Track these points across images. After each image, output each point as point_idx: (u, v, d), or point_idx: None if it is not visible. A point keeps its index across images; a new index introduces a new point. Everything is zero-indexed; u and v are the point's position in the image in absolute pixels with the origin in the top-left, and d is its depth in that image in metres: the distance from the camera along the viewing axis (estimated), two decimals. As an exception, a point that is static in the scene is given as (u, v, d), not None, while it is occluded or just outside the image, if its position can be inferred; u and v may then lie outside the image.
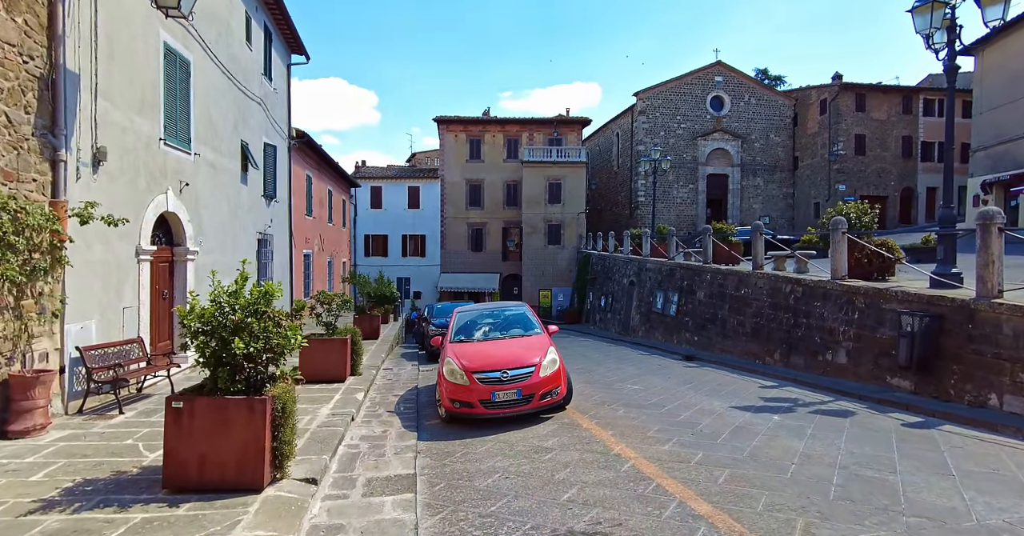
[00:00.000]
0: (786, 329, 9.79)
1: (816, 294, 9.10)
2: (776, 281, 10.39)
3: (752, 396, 7.25)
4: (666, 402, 6.95)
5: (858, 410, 6.27)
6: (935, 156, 33.08)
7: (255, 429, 3.92)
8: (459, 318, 7.78)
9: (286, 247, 15.97)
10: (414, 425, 6.43)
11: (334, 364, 8.38)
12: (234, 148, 11.40)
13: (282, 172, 15.39)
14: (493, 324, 7.55)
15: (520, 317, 7.69)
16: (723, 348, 12.06)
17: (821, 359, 8.71)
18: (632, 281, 19.20)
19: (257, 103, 13.03)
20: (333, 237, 23.78)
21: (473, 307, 8.40)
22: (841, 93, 32.29)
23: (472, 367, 6.20)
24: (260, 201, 13.27)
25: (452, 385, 6.18)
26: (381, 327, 16.00)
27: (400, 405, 7.52)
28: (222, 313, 4.07)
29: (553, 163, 31.78)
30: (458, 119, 34.71)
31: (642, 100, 34.55)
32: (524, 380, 6.06)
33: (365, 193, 35.30)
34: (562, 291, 31.71)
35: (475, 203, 34.79)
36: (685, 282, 14.56)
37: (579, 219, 31.91)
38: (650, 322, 16.77)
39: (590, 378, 9.17)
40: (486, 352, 6.56)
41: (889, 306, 7.38)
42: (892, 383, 7.17)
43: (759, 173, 35.84)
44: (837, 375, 8.25)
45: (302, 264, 18.30)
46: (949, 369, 6.33)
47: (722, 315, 12.29)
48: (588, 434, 5.55)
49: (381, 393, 8.43)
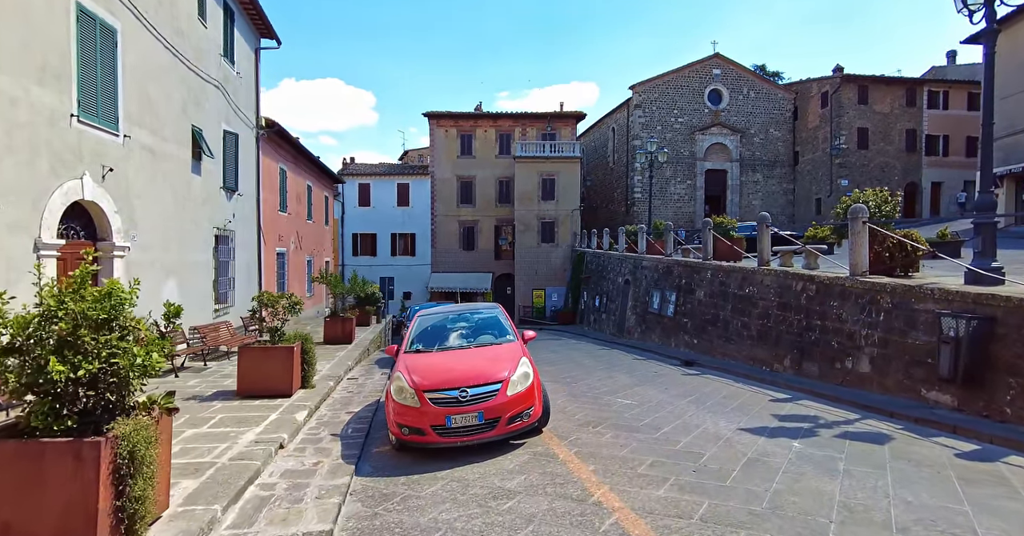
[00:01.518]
0: (797, 332, 8.69)
1: (832, 293, 8.00)
2: (785, 278, 9.29)
3: (763, 413, 6.15)
4: (663, 422, 5.84)
5: (894, 433, 5.17)
6: (940, 150, 32.08)
7: (83, 484, 2.80)
8: (419, 323, 6.64)
9: (253, 245, 14.82)
10: (356, 454, 5.30)
11: (277, 376, 7.24)
12: (183, 133, 10.26)
13: (247, 163, 14.24)
14: (459, 330, 6.41)
15: (491, 321, 6.56)
16: (725, 352, 10.95)
17: (839, 367, 7.61)
18: (627, 280, 18.10)
19: (215, 86, 11.89)
20: (313, 235, 22.63)
21: (438, 309, 7.26)
22: (843, 85, 31.23)
23: (424, 384, 5.07)
24: (218, 194, 12.12)
25: (400, 406, 5.06)
26: (356, 331, 14.85)
27: (350, 426, 6.39)
28: (47, 321, 2.93)
29: (546, 158, 30.64)
30: (449, 114, 33.57)
31: (638, 94, 33.46)
32: (488, 400, 4.94)
33: (353, 191, 34.18)
34: (556, 291, 30.60)
35: (466, 200, 33.66)
36: (683, 280, 13.46)
37: (573, 216, 30.80)
38: (646, 323, 15.67)
39: (576, 390, 8.05)
40: (444, 365, 5.44)
41: (924, 306, 6.28)
42: (928, 397, 6.07)
43: (758, 168, 34.78)
44: (859, 386, 7.16)
45: (274, 263, 17.15)
46: (1003, 383, 5.24)
47: (724, 316, 11.19)
48: (564, 470, 4.43)
49: (333, 410, 7.29)
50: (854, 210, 7.63)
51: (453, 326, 6.50)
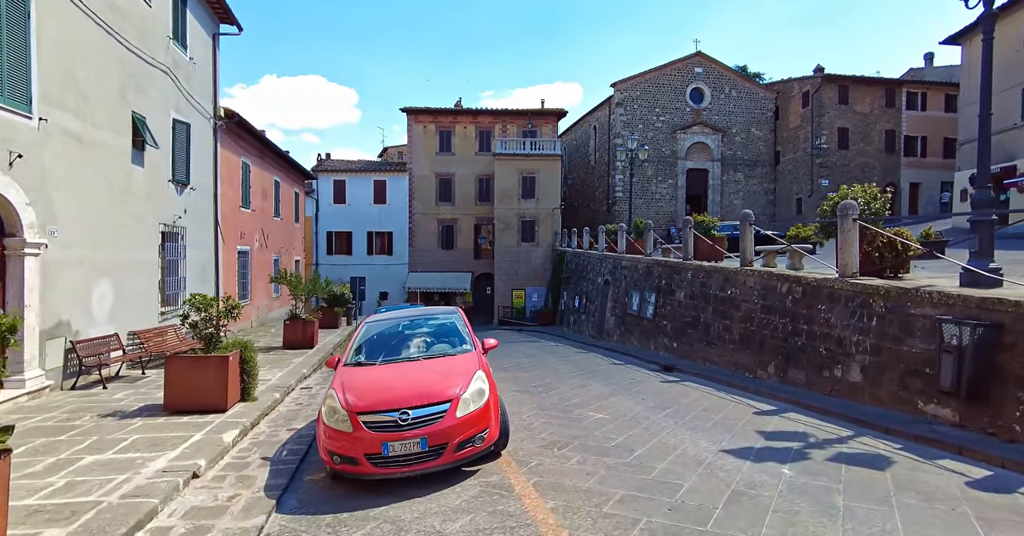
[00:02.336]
0: (782, 337, 8.16)
1: (820, 295, 7.47)
2: (769, 279, 8.76)
3: (748, 430, 5.55)
4: (637, 442, 5.20)
5: (893, 454, 4.60)
6: (918, 151, 32.21)
7: None
8: (366, 331, 5.90)
9: (209, 242, 13.89)
10: (284, 484, 4.56)
11: (210, 389, 6.45)
12: (120, 120, 9.35)
13: (202, 156, 13.31)
14: (409, 339, 5.68)
15: (448, 328, 5.85)
16: (706, 357, 10.41)
17: (828, 375, 7.08)
18: (607, 280, 17.54)
19: (162, 71, 10.98)
20: (281, 233, 21.65)
21: (390, 315, 6.52)
22: (824, 85, 31.16)
23: (359, 405, 4.35)
24: (166, 187, 11.21)
25: (330, 431, 4.33)
26: (320, 334, 14.04)
27: (287, 447, 5.64)
28: None
29: (527, 156, 29.98)
30: (427, 110, 32.70)
31: (619, 91, 32.99)
32: (433, 423, 4.24)
33: (328, 188, 33.14)
34: (536, 291, 29.99)
35: (445, 198, 32.86)
36: (663, 281, 12.91)
37: (554, 215, 30.20)
38: (625, 325, 15.11)
39: (547, 401, 7.39)
40: (385, 382, 4.71)
41: (921, 311, 5.75)
42: (926, 411, 5.54)
43: (740, 168, 34.59)
44: (849, 396, 6.62)
45: (235, 263, 16.21)
46: (1011, 397, 4.71)
47: (705, 319, 10.65)
48: (518, 508, 3.76)
49: (274, 426, 6.53)
50: (844, 206, 7.10)
51: (404, 334, 5.77)
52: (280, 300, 21.56)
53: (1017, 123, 21.24)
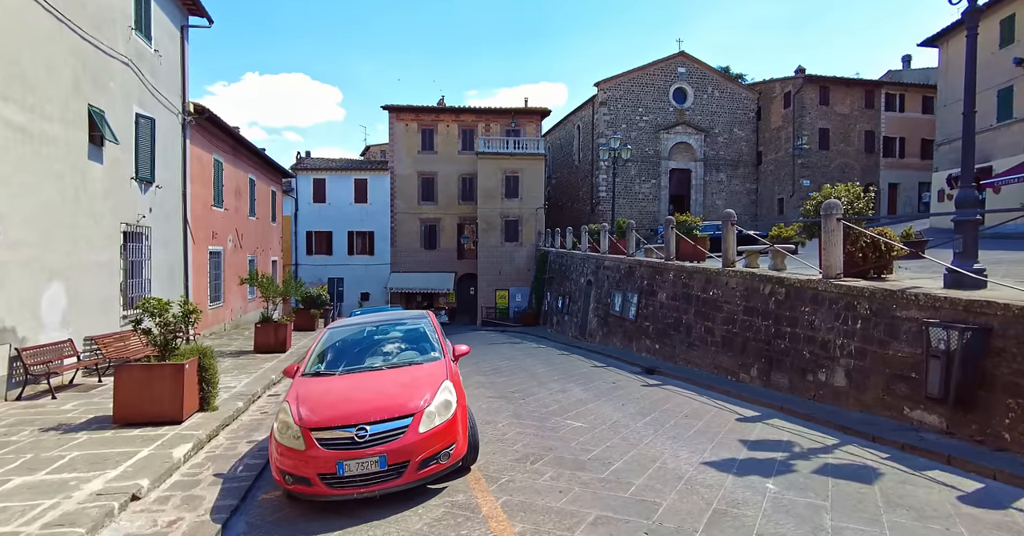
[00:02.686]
0: (765, 340, 7.98)
1: (803, 297, 7.29)
2: (752, 280, 8.58)
3: (730, 438, 5.32)
4: (614, 454, 4.93)
5: (881, 465, 4.39)
6: (896, 152, 32.60)
7: None
8: (327, 338, 5.55)
9: (178, 243, 13.36)
10: (234, 505, 4.21)
11: (163, 400, 6.04)
12: (74, 114, 8.84)
13: (169, 152, 12.77)
14: (374, 346, 5.34)
15: (416, 334, 5.53)
16: (688, 359, 10.22)
17: (811, 379, 6.90)
18: (589, 280, 17.33)
19: (123, 63, 10.45)
20: (257, 233, 21.07)
21: (355, 320, 6.17)
22: (805, 86, 31.37)
23: (312, 420, 4.01)
24: (128, 185, 10.68)
25: (282, 449, 3.99)
26: (294, 337, 13.59)
27: (244, 461, 5.28)
28: None
29: (510, 155, 29.68)
30: (409, 108, 32.24)
31: (603, 91, 32.86)
32: (393, 440, 3.92)
33: (307, 186, 32.50)
34: (520, 291, 29.71)
35: (428, 197, 32.43)
36: (645, 282, 12.72)
37: (538, 215, 29.95)
38: (608, 326, 14.91)
39: (523, 408, 7.10)
40: (343, 394, 4.38)
41: (907, 314, 5.58)
42: (912, 417, 5.37)
43: (722, 168, 34.71)
44: (834, 401, 6.44)
45: (206, 263, 15.65)
46: (1001, 404, 4.53)
47: (687, 320, 10.46)
48: (484, 531, 3.46)
49: (234, 438, 6.14)
50: (827, 206, 6.93)
51: (368, 341, 5.42)
52: (257, 302, 20.95)
53: (993, 124, 21.51)
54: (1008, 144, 21.02)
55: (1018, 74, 20.57)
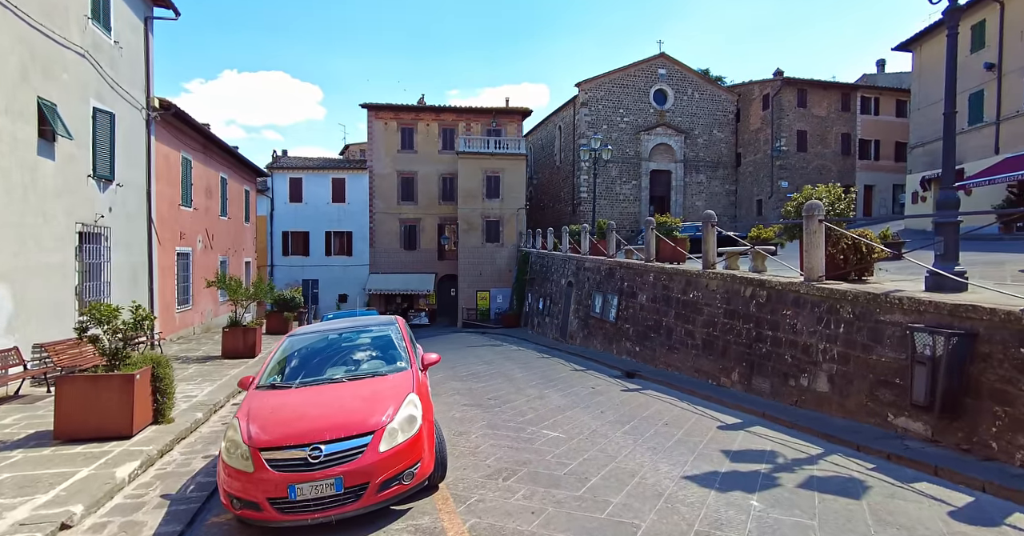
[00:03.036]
0: (746, 343, 7.82)
1: (785, 300, 7.14)
2: (733, 283, 8.43)
3: (712, 449, 5.11)
4: (591, 468, 4.68)
5: (868, 478, 4.22)
6: (872, 154, 33.13)
7: None
8: (287, 346, 5.19)
9: (141, 244, 12.78)
10: (179, 531, 3.85)
11: (111, 413, 5.62)
12: (22, 106, 8.31)
13: (132, 149, 12.20)
14: (336, 355, 4.98)
15: (382, 342, 5.19)
16: (668, 362, 10.06)
17: (794, 384, 6.75)
18: (570, 282, 17.13)
19: (78, 54, 9.90)
20: (229, 233, 20.43)
21: (318, 327, 5.81)
22: (783, 88, 31.69)
23: (262, 439, 3.68)
24: (84, 183, 10.13)
25: (230, 470, 3.65)
26: (262, 342, 13.10)
27: (195, 480, 4.90)
28: None
29: (491, 155, 29.37)
30: (389, 106, 31.72)
31: (584, 91, 32.78)
32: (351, 460, 3.60)
33: (284, 186, 31.75)
34: (501, 293, 29.42)
35: (408, 197, 31.94)
36: (625, 283, 12.54)
37: (519, 215, 29.71)
38: (588, 328, 14.72)
39: (498, 417, 6.81)
40: (298, 409, 4.04)
41: (891, 318, 5.44)
42: (896, 424, 5.23)
43: (702, 170, 34.90)
44: (817, 407, 6.29)
45: (174, 265, 15.06)
46: (987, 412, 4.40)
47: (667, 323, 10.30)
48: (447, 561, 3.17)
49: (189, 453, 5.74)
50: (809, 207, 6.79)
51: (329, 350, 5.07)
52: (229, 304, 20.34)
53: (964, 128, 21.88)
54: (979, 147, 21.41)
55: (988, 78, 20.96)
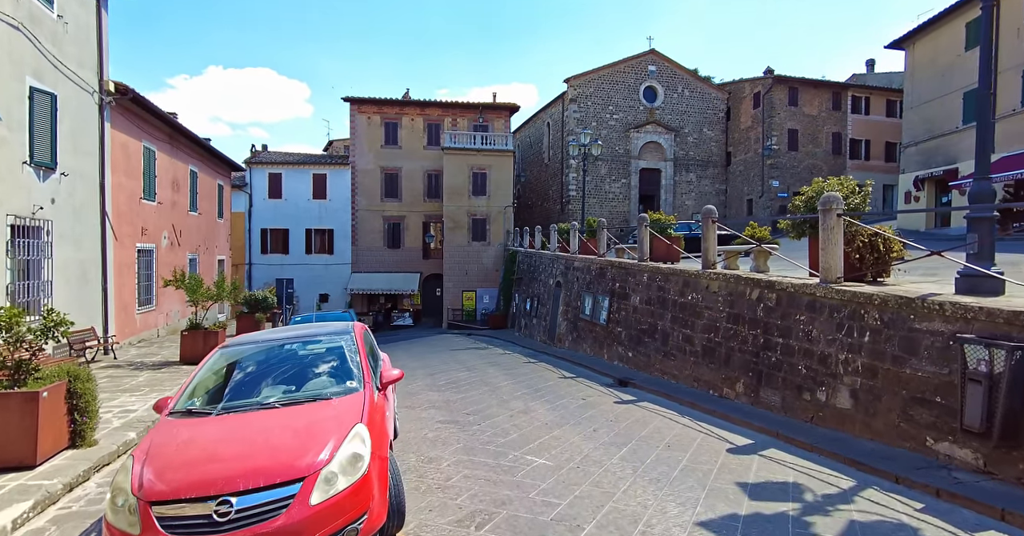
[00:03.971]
0: (753, 351, 7.08)
1: (798, 304, 6.40)
2: (737, 284, 7.68)
3: (725, 481, 4.34)
4: (584, 511, 3.87)
5: (923, 527, 3.46)
6: (862, 153, 32.83)
7: None
8: (217, 360, 4.28)
9: (94, 239, 11.74)
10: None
11: (10, 439, 4.68)
12: (-62, 81, 7.31)
13: (81, 135, 11.16)
14: (274, 373, 4.07)
15: (332, 356, 4.29)
16: (664, 369, 9.30)
17: (809, 399, 6.01)
18: (559, 282, 16.34)
19: (10, 26, 8.88)
20: (199, 229, 19.34)
21: (258, 337, 4.89)
22: (774, 86, 31.24)
23: (156, 489, 2.81)
24: (18, 171, 9.11)
25: (112, 531, 2.78)
26: (227, 346, 12.10)
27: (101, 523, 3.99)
28: None
29: (478, 151, 28.49)
30: (372, 100, 30.67)
31: (573, 87, 32.04)
32: (272, 517, 2.72)
33: (263, 181, 30.59)
34: (488, 293, 28.56)
35: (392, 194, 30.92)
36: (617, 284, 11.78)
37: (506, 213, 28.87)
38: (578, 331, 13.94)
39: (477, 438, 5.98)
40: (210, 447, 3.15)
41: (928, 326, 4.70)
42: (938, 450, 4.49)
43: (692, 168, 34.36)
44: (838, 425, 5.55)
45: (133, 263, 14.00)
46: (1058, 440, 3.67)
47: (663, 327, 9.54)
48: None
49: (108, 484, 4.83)
50: (827, 200, 6.05)
51: (267, 366, 4.17)
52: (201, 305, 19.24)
53: (959, 126, 21.49)
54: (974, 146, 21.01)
55: (984, 76, 20.53)
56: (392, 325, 29.41)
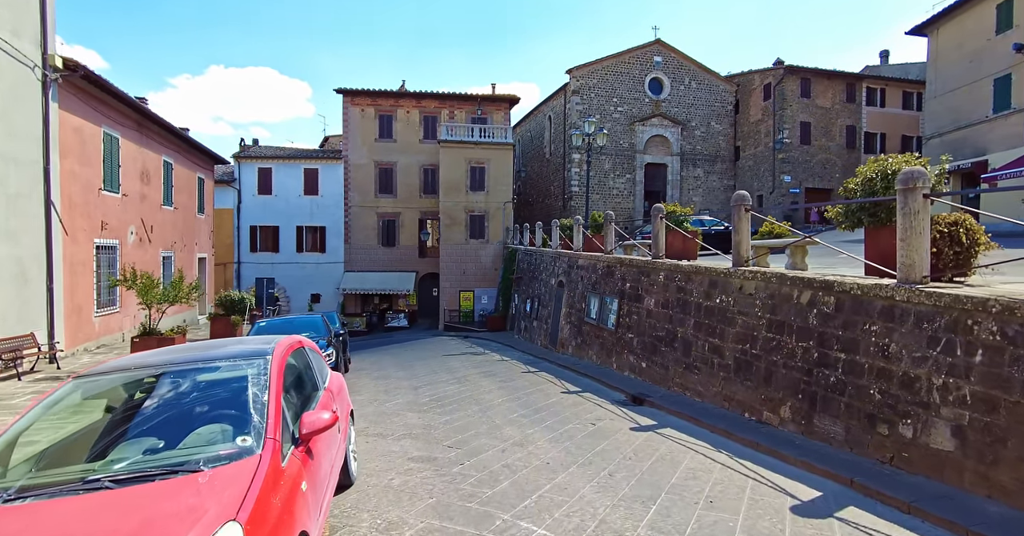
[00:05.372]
0: (803, 368, 5.72)
1: (867, 310, 5.03)
2: (780, 285, 6.31)
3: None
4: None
5: None
6: (877, 147, 31.38)
7: None
8: (62, 396, 2.87)
9: (36, 233, 10.42)
10: None
11: None
12: None
13: (13, 114, 9.83)
14: (141, 417, 2.66)
15: (227, 392, 2.80)
16: (686, 385, 7.94)
17: (887, 433, 4.65)
18: (561, 282, 14.99)
19: (-80, -18, 7.55)
20: (175, 225, 18.00)
21: (133, 361, 3.29)
22: (786, 77, 29.81)
23: None
24: (-70, 151, 7.79)
25: None
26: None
27: None
28: None
29: (476, 144, 27.10)
30: (366, 92, 29.34)
31: (576, 78, 30.64)
32: None
33: (252, 176, 29.28)
34: (486, 293, 27.20)
35: (386, 190, 29.58)
36: (628, 284, 10.42)
37: (505, 209, 27.50)
38: (582, 335, 12.58)
39: (454, 489, 4.60)
40: None
41: (1089, 345, 3.34)
42: (1107, 523, 3.14)
43: (699, 163, 32.95)
44: (933, 472, 4.19)
45: (91, 260, 12.66)
46: None
47: (684, 334, 8.18)
48: None
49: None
50: (910, 175, 4.68)
51: (131, 407, 2.81)
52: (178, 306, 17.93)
53: (989, 115, 20.06)
54: (1006, 136, 19.55)
55: (1018, 61, 19.09)
56: (386, 326, 28.12)
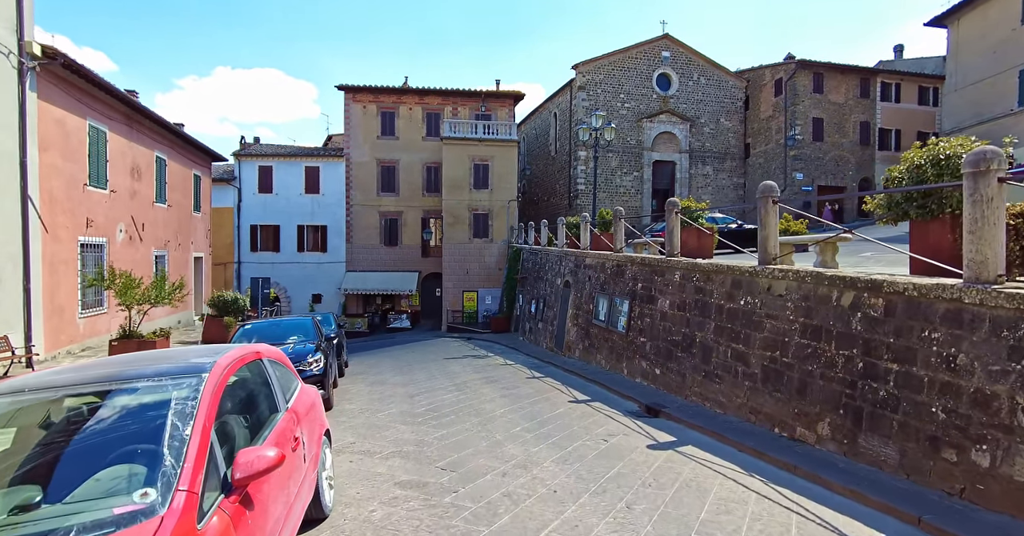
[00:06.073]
0: (846, 379, 5.02)
1: (927, 314, 4.33)
2: (816, 285, 5.60)
3: None
4: None
5: None
6: (892, 144, 30.50)
7: None
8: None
9: (12, 230, 9.86)
10: None
11: None
12: None
13: (-9, 104, 9.28)
14: (29, 456, 2.02)
15: (140, 424, 2.14)
16: (706, 394, 7.25)
17: (956, 460, 3.95)
18: (567, 282, 14.31)
19: None
20: (169, 223, 17.45)
21: (35, 381, 2.53)
22: (798, 72, 28.97)
23: None
24: None
25: None
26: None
27: None
28: None
29: (479, 141, 26.46)
30: (368, 88, 28.77)
31: (582, 74, 29.93)
32: None
33: (252, 175, 28.78)
34: (490, 293, 26.55)
35: (388, 188, 28.99)
36: (640, 285, 9.73)
37: (510, 208, 26.83)
38: (590, 338, 11.91)
39: (444, 526, 3.94)
40: None
41: None
42: None
43: (708, 161, 32.15)
44: (1017, 509, 3.50)
45: (75, 259, 12.10)
46: None
47: (704, 339, 7.49)
48: None
49: None
50: (982, 156, 3.98)
51: (23, 443, 2.14)
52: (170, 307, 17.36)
53: (1013, 109, 19.25)
54: (1041, 129, 18.71)
55: (1046, 51, 18.28)
56: (388, 327, 27.53)
